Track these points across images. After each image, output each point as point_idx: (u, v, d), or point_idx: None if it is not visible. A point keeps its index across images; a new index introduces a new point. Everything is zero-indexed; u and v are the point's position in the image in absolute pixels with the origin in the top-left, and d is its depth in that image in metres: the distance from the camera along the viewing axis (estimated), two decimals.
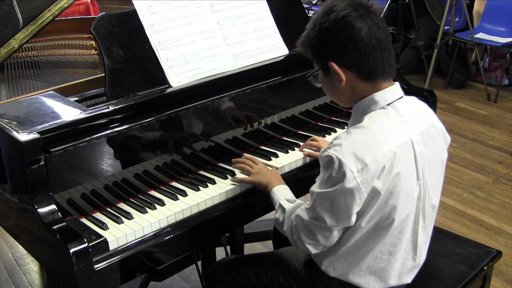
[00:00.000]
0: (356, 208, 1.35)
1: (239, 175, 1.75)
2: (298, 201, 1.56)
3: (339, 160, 1.32)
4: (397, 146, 1.36)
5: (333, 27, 1.36)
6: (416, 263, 1.54)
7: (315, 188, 1.40)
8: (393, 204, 1.38)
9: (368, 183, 1.33)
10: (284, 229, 1.51)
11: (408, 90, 2.31)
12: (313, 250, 1.46)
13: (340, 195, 1.33)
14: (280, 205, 1.56)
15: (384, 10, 4.91)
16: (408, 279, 1.54)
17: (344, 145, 1.34)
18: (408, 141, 1.40)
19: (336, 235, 1.42)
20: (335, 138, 1.39)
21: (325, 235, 1.41)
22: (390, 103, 1.41)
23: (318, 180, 1.41)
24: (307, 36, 1.44)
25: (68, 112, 1.58)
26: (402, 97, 1.45)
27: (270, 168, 1.76)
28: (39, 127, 1.47)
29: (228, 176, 1.75)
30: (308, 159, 1.88)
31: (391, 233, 1.43)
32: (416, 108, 1.49)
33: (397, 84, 1.45)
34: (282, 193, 1.60)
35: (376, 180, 1.33)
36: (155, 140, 1.70)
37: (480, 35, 4.84)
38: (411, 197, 1.43)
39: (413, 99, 1.50)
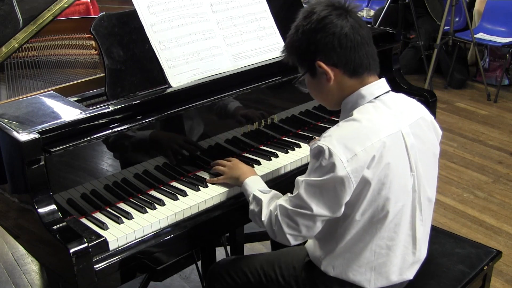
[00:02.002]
0: (345, 198, 1.36)
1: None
2: (273, 191, 1.57)
3: (329, 149, 1.34)
4: (386, 137, 1.38)
5: (316, 26, 1.40)
6: (416, 258, 1.54)
7: (302, 177, 1.42)
8: (386, 195, 1.39)
9: (358, 172, 1.35)
10: (263, 219, 1.50)
11: (408, 90, 2.31)
12: (292, 241, 1.45)
13: (330, 184, 1.35)
14: (255, 196, 1.55)
15: (384, 10, 4.93)
16: (410, 275, 1.55)
17: (334, 136, 1.37)
18: (398, 132, 1.42)
19: (318, 226, 1.42)
20: (325, 132, 1.42)
21: (308, 225, 1.41)
22: (377, 97, 1.45)
23: (307, 170, 1.42)
24: (291, 41, 1.48)
25: (68, 112, 1.58)
26: (388, 91, 1.48)
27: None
28: (39, 127, 1.47)
29: None
30: (308, 159, 1.88)
31: (387, 226, 1.44)
32: (404, 102, 1.52)
33: (383, 79, 1.48)
34: (255, 184, 1.60)
35: (366, 170, 1.35)
36: (155, 140, 1.70)
37: (480, 35, 4.84)
38: (405, 189, 1.44)
39: (401, 95, 1.53)
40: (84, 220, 1.55)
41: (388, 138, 1.39)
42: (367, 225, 1.43)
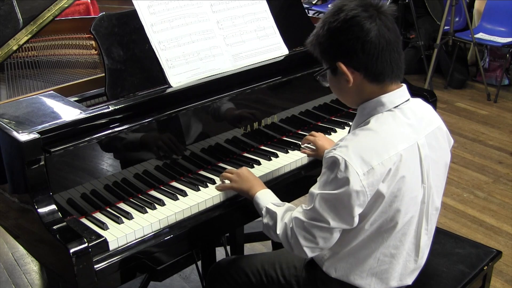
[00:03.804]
0: (358, 210, 1.34)
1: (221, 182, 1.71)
2: (287, 204, 1.54)
3: (345, 161, 1.30)
4: (403, 150, 1.35)
5: (342, 26, 1.35)
6: (418, 265, 1.54)
7: (316, 189, 1.39)
8: (397, 207, 1.37)
9: (373, 186, 1.32)
10: (278, 233, 1.47)
11: (408, 90, 2.31)
12: (309, 253, 1.43)
13: (345, 197, 1.32)
14: (268, 210, 1.52)
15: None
16: (409, 281, 1.54)
17: (351, 147, 1.33)
18: (414, 144, 1.39)
19: (335, 237, 1.40)
20: (341, 140, 1.38)
21: (325, 237, 1.39)
22: (396, 106, 1.40)
23: (320, 180, 1.39)
24: (316, 34, 1.42)
25: (68, 112, 1.58)
26: (408, 99, 1.44)
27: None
28: (39, 127, 1.47)
29: None
30: (308, 159, 1.88)
31: (394, 235, 1.42)
32: (422, 110, 1.47)
33: (404, 86, 1.44)
34: (267, 198, 1.57)
35: (381, 183, 1.33)
36: (155, 140, 1.70)
37: (480, 35, 4.84)
38: (415, 201, 1.42)
39: (419, 101, 1.49)
40: (84, 220, 1.55)
41: (405, 151, 1.36)
42: (375, 234, 1.42)
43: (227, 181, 1.69)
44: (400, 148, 1.35)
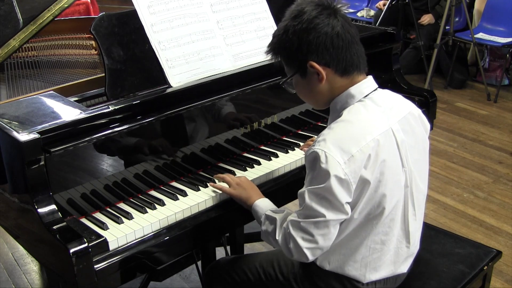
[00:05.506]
0: (346, 198, 1.36)
1: (220, 183, 1.71)
2: (286, 210, 1.56)
3: (325, 153, 1.34)
4: (379, 135, 1.39)
5: (308, 26, 1.40)
6: (410, 252, 1.55)
7: (304, 188, 1.41)
8: (382, 192, 1.40)
9: (356, 173, 1.35)
10: (277, 238, 1.48)
11: (408, 90, 2.31)
12: (310, 256, 1.43)
13: (331, 186, 1.34)
14: (267, 217, 1.54)
15: (384, 10, 4.93)
16: (404, 268, 1.56)
17: (328, 139, 1.37)
18: (389, 129, 1.43)
19: (334, 232, 1.41)
20: (318, 137, 1.41)
21: (324, 234, 1.40)
22: (366, 95, 1.45)
23: (306, 180, 1.42)
24: (279, 41, 1.47)
25: (68, 112, 1.58)
26: (376, 89, 1.49)
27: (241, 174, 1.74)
28: (39, 127, 1.47)
29: None
30: None
31: (382, 221, 1.44)
32: (391, 98, 1.52)
33: (370, 77, 1.49)
34: (265, 206, 1.59)
35: (363, 170, 1.36)
36: (155, 140, 1.70)
37: (480, 35, 4.84)
38: (399, 184, 1.45)
39: (387, 91, 1.54)
40: (84, 220, 1.55)
41: (381, 136, 1.39)
42: (364, 222, 1.44)
43: (225, 184, 1.69)
44: (376, 134, 1.39)
